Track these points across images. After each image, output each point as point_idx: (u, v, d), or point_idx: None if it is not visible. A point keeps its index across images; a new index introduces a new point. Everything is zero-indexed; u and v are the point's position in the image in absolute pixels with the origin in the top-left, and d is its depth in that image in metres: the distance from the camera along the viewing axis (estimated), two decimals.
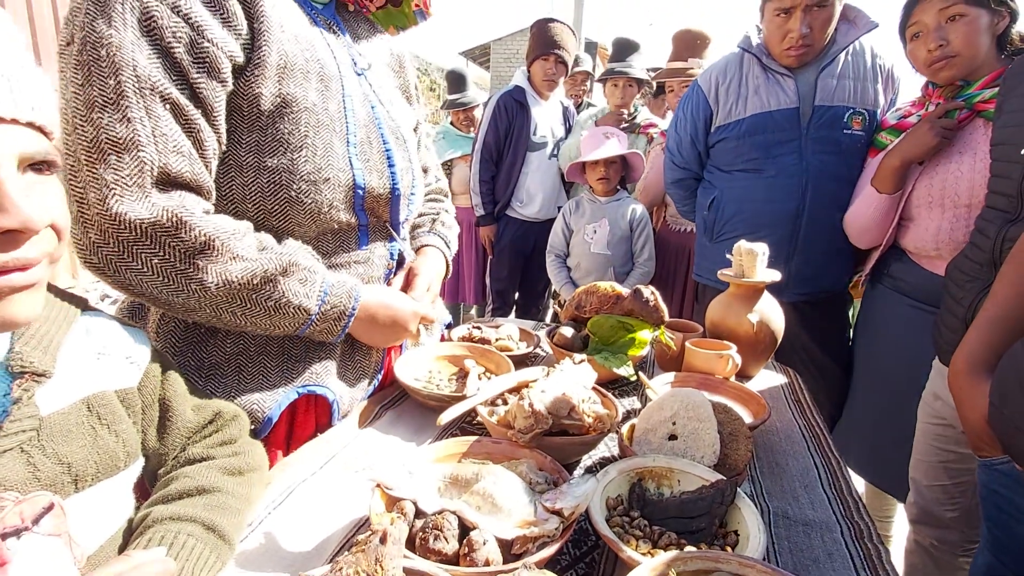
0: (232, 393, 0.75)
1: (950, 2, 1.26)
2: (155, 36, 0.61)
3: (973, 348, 0.90)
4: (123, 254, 0.61)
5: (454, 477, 0.63)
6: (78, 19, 0.61)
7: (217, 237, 0.64)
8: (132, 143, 0.60)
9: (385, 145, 0.83)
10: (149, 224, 0.61)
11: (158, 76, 0.61)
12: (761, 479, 0.81)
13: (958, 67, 1.30)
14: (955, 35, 1.27)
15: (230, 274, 0.66)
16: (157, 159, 0.61)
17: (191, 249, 0.63)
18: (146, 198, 0.61)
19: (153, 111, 0.61)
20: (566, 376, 0.86)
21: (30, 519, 0.47)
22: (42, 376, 0.50)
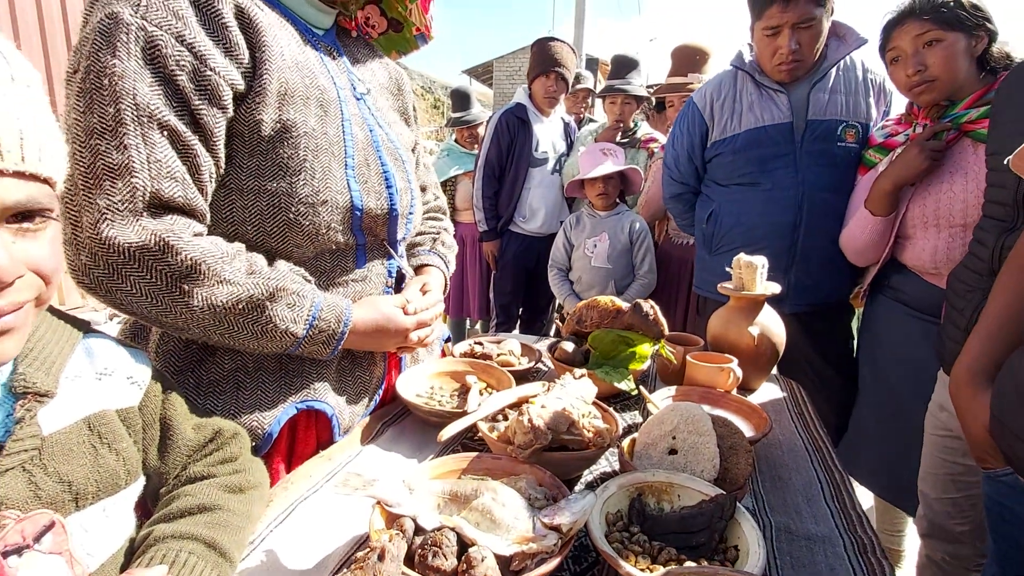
0: (232, 410, 0.76)
1: (926, 28, 1.28)
2: (158, 64, 0.64)
3: (973, 359, 0.90)
4: (112, 276, 0.63)
5: (453, 493, 0.63)
6: (85, 48, 0.63)
7: (204, 261, 0.66)
8: (126, 169, 0.62)
9: (383, 166, 0.85)
10: (137, 248, 0.62)
11: (158, 104, 0.63)
12: (764, 493, 0.81)
13: (938, 91, 1.32)
14: (933, 60, 1.29)
15: (215, 298, 0.67)
16: (150, 184, 0.63)
17: (177, 272, 0.65)
18: (136, 222, 0.63)
19: (149, 138, 0.63)
20: (566, 391, 0.86)
21: (31, 537, 0.48)
22: (44, 396, 0.51)
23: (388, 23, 1.06)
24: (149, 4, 0.63)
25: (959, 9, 1.28)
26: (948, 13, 1.29)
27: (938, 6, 1.30)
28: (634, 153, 2.63)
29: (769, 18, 1.53)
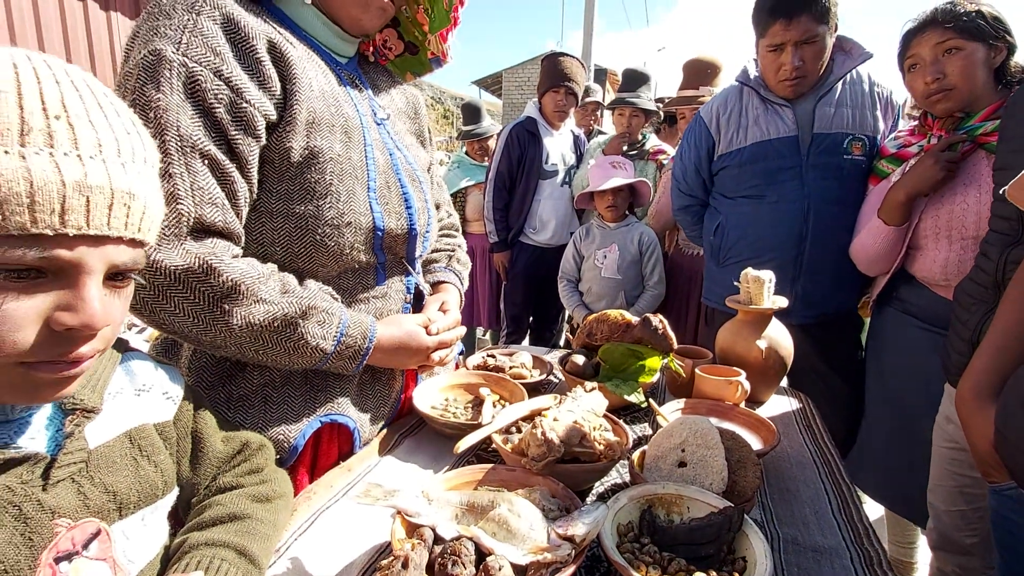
0: (260, 423, 0.79)
1: (947, 36, 1.29)
2: (198, 98, 0.68)
3: (978, 373, 0.91)
4: (158, 297, 0.67)
5: (470, 504, 0.66)
6: (130, 83, 0.67)
7: (243, 282, 0.70)
8: (172, 196, 0.66)
9: (403, 188, 0.89)
10: (182, 270, 0.66)
11: (199, 135, 0.68)
12: (772, 505, 0.83)
13: (955, 100, 1.33)
14: (952, 68, 1.30)
15: (253, 316, 0.71)
16: (193, 210, 0.67)
17: (219, 293, 0.69)
18: (181, 246, 0.67)
19: (192, 167, 0.67)
20: (578, 404, 0.89)
21: (80, 544, 0.52)
22: (91, 412, 0.54)
23: (404, 46, 1.10)
24: (190, 41, 0.67)
25: (980, 20, 1.30)
26: (969, 23, 1.30)
27: (959, 16, 1.31)
28: (643, 165, 2.66)
29: (772, 36, 1.56)
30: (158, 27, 0.68)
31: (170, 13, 0.69)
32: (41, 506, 0.48)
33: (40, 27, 3.26)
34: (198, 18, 0.68)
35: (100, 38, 3.61)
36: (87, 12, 3.51)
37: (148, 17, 0.70)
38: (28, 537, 0.47)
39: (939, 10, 1.33)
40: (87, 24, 3.52)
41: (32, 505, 0.48)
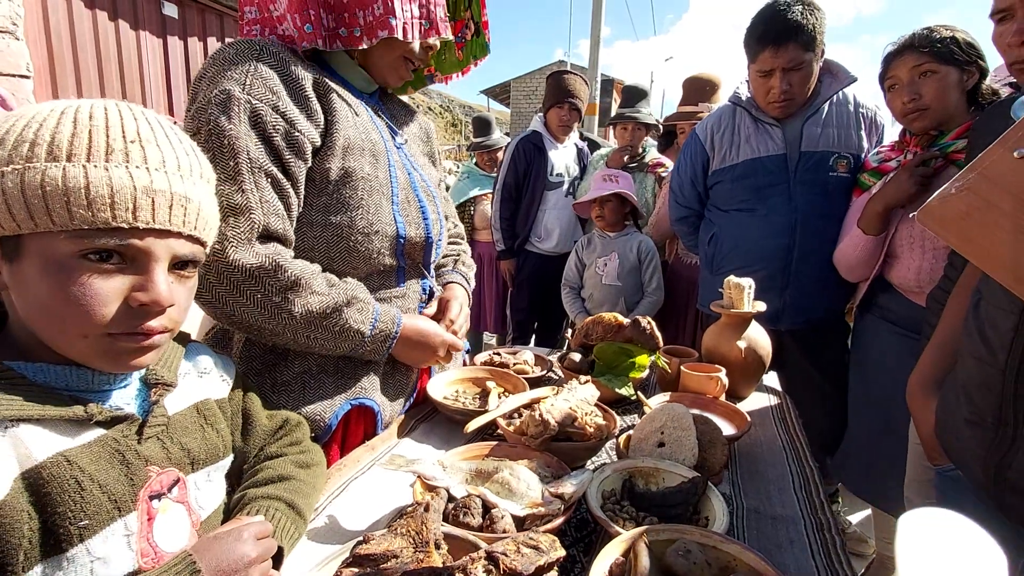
0: (299, 404, 0.93)
1: (922, 60, 1.42)
2: (260, 127, 0.83)
3: (924, 368, 1.03)
4: (233, 291, 0.81)
5: (478, 470, 0.79)
6: (204, 115, 0.82)
7: (302, 277, 0.85)
8: (246, 207, 0.80)
9: (420, 202, 1.04)
10: (256, 267, 0.81)
11: (263, 158, 0.83)
12: (741, 482, 0.94)
13: (929, 119, 1.45)
14: (926, 89, 1.42)
15: (310, 305, 0.85)
16: (262, 219, 0.82)
17: (284, 286, 0.83)
18: (251, 248, 0.81)
19: (260, 184, 0.82)
20: (573, 394, 1.02)
21: (166, 487, 0.64)
22: (169, 386, 0.68)
23: None
24: (252, 82, 0.83)
25: (953, 45, 1.42)
26: (943, 48, 1.42)
27: (934, 41, 1.43)
28: (642, 177, 2.79)
29: (762, 62, 1.68)
30: (225, 71, 0.83)
31: (235, 60, 0.84)
32: (138, 455, 0.60)
33: (76, 47, 3.46)
34: (258, 63, 0.84)
35: (130, 56, 3.81)
36: (118, 32, 3.71)
37: (215, 63, 0.85)
38: (130, 477, 0.59)
39: (916, 35, 1.46)
40: (118, 43, 3.72)
41: (132, 454, 0.60)
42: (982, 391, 0.76)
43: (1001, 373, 0.71)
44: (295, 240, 0.91)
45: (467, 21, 1.12)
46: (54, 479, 0.52)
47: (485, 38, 1.14)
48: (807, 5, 1.62)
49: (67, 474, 0.53)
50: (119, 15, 3.71)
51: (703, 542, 0.65)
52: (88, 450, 0.56)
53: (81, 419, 0.56)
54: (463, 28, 1.13)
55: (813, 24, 1.61)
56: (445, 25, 0.93)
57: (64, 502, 0.53)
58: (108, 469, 0.57)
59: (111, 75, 3.69)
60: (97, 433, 0.58)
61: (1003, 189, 0.49)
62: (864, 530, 2.16)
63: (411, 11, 0.91)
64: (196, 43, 4.29)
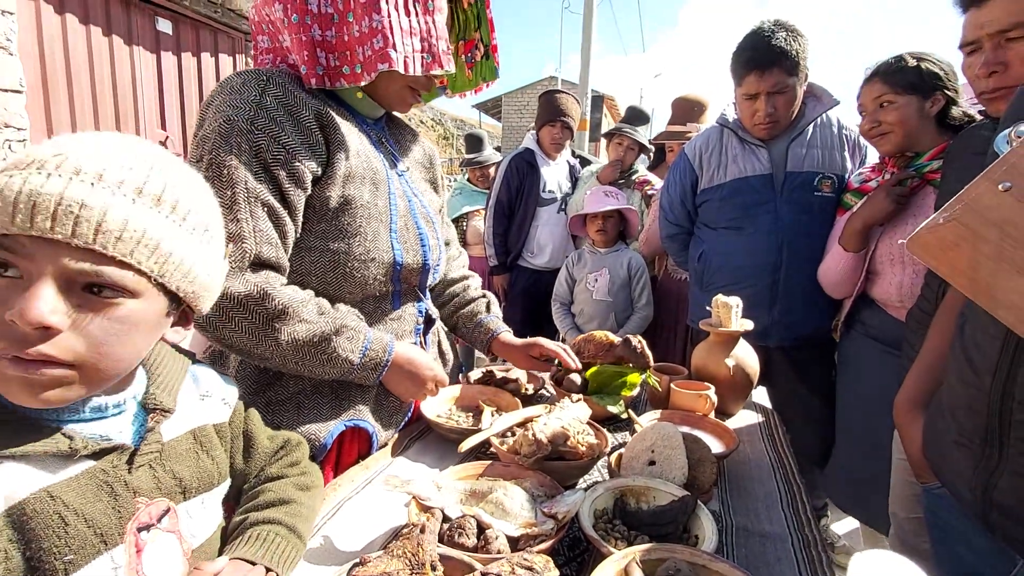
0: (293, 425, 0.94)
1: (883, 91, 1.49)
2: (261, 157, 0.85)
3: (911, 387, 1.05)
4: (222, 317, 0.82)
5: (472, 491, 0.80)
6: (207, 145, 0.84)
7: (290, 305, 0.86)
8: (239, 236, 0.82)
9: (419, 229, 1.06)
10: (244, 295, 0.82)
11: (261, 187, 0.84)
12: (730, 500, 0.96)
13: (893, 142, 1.52)
14: (887, 117, 1.50)
15: (297, 334, 0.86)
16: (254, 248, 0.83)
17: (271, 314, 0.84)
18: (242, 276, 0.82)
19: (255, 213, 0.84)
20: (565, 413, 1.03)
21: (155, 518, 0.64)
22: (167, 412, 0.67)
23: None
24: (256, 113, 0.85)
25: (914, 75, 1.48)
26: (903, 78, 1.49)
27: (895, 71, 1.50)
28: (629, 192, 2.84)
29: (747, 85, 1.74)
30: (231, 100, 0.85)
31: (240, 90, 0.86)
32: (127, 486, 0.59)
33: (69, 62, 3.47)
34: (263, 95, 0.86)
35: (123, 71, 3.82)
36: (112, 47, 3.72)
37: (222, 91, 0.87)
38: (117, 510, 0.58)
39: (882, 64, 1.53)
40: (112, 58, 3.73)
41: (120, 485, 0.59)
42: (969, 413, 0.78)
43: (987, 396, 0.74)
44: (293, 264, 0.93)
45: (476, 42, 1.15)
46: (37, 515, 0.51)
47: (494, 62, 1.16)
48: (790, 31, 1.68)
49: (50, 510, 0.52)
50: (113, 30, 3.73)
51: (693, 561, 0.66)
52: (74, 483, 0.55)
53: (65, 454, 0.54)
54: (473, 48, 1.16)
55: (797, 50, 1.67)
56: (448, 58, 0.95)
57: (48, 537, 0.52)
58: (94, 502, 0.56)
59: (104, 90, 3.70)
60: (85, 465, 0.56)
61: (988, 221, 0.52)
62: (852, 543, 2.18)
63: (412, 44, 0.92)
64: (190, 59, 4.31)
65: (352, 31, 0.91)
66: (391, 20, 0.88)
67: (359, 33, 0.90)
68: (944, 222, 0.53)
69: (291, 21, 0.91)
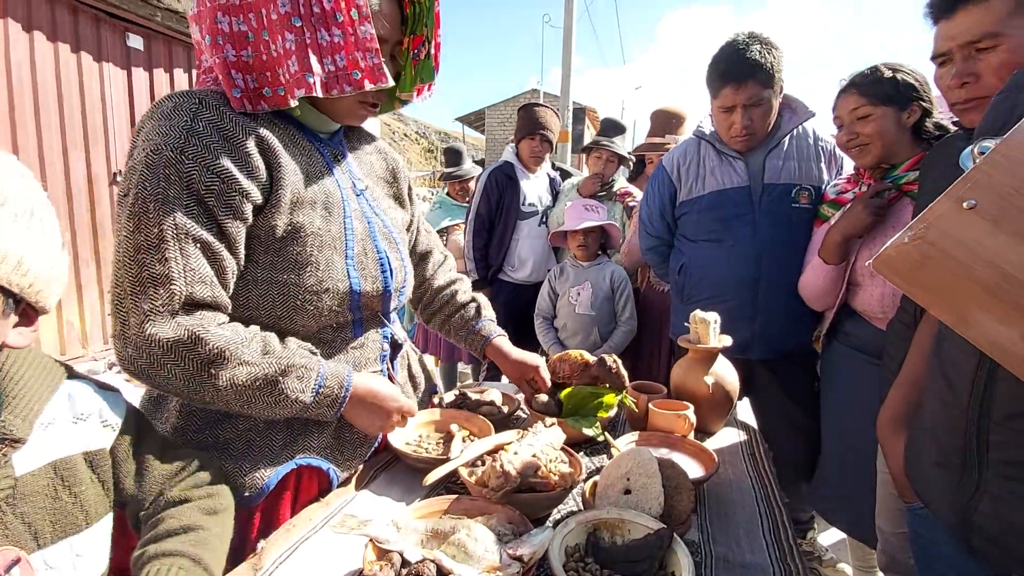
0: (243, 464, 0.87)
1: (860, 103, 1.48)
2: (193, 189, 0.78)
3: (893, 405, 1.03)
4: (153, 364, 0.76)
5: (434, 531, 0.75)
6: (134, 178, 0.78)
7: (227, 348, 0.78)
8: (167, 278, 0.75)
9: (379, 253, 0.99)
10: (173, 341, 0.75)
11: (192, 222, 0.78)
12: (710, 527, 0.92)
13: (871, 153, 1.50)
14: (864, 129, 1.49)
15: (237, 378, 0.79)
16: (185, 289, 0.77)
17: (206, 359, 0.77)
18: (173, 320, 0.76)
19: (186, 251, 0.77)
20: (538, 438, 0.99)
21: (3, 569, 0.56)
22: (18, 442, 0.59)
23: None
24: (187, 140, 0.78)
25: (890, 87, 1.48)
26: (879, 89, 1.48)
27: (872, 82, 1.50)
28: (610, 205, 2.82)
29: (723, 98, 1.73)
30: (160, 127, 0.78)
31: (171, 115, 0.79)
32: None
33: (35, 78, 3.38)
34: (195, 120, 0.79)
35: (92, 88, 3.73)
36: (80, 64, 3.64)
37: (152, 117, 0.81)
38: None
39: (858, 76, 1.53)
40: (80, 75, 3.65)
41: None
42: (948, 433, 0.75)
43: (964, 415, 0.71)
44: (239, 299, 0.87)
45: (424, 38, 1.07)
46: None
47: (433, 61, 1.08)
48: (765, 44, 1.68)
49: None
50: (81, 47, 3.65)
51: None
52: None
53: None
54: (420, 45, 1.08)
55: (771, 62, 1.67)
56: (381, 72, 0.87)
57: None
58: None
59: (72, 107, 3.61)
60: None
61: (953, 239, 0.50)
62: (839, 555, 2.15)
63: (333, 63, 0.85)
64: (162, 75, 4.24)
65: (270, 50, 0.83)
66: (305, 39, 0.82)
67: (276, 53, 0.83)
68: (909, 241, 0.50)
69: (206, 43, 0.85)
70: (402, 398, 0.98)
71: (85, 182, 3.73)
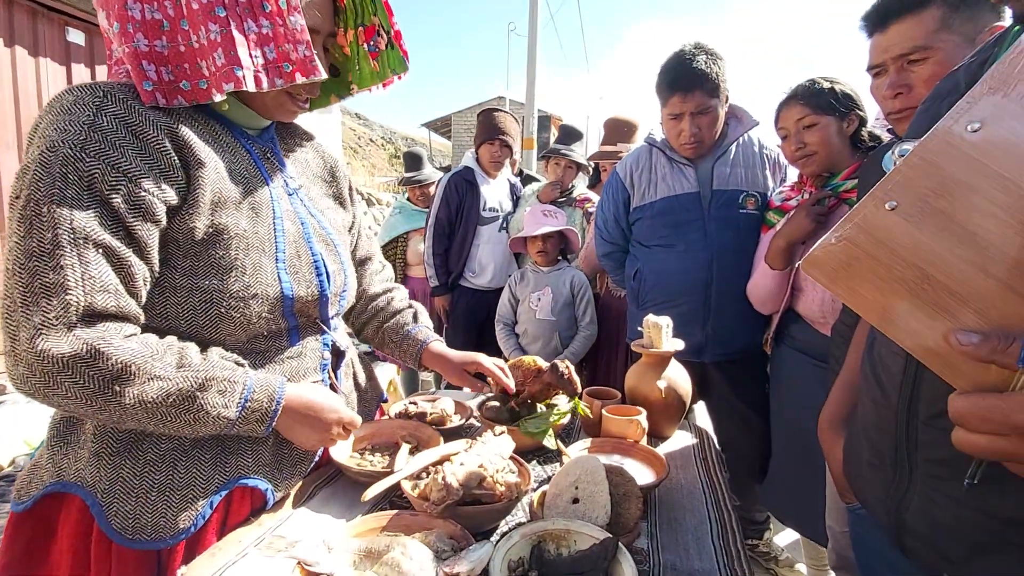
0: (167, 489, 0.80)
1: (804, 112, 1.54)
2: (95, 190, 0.71)
3: (832, 406, 1.05)
4: (48, 383, 0.68)
5: (368, 550, 0.71)
6: (27, 178, 0.70)
7: (134, 362, 0.71)
8: (61, 287, 0.68)
9: (313, 255, 0.94)
10: (70, 357, 0.67)
11: (93, 226, 0.70)
12: (659, 534, 0.91)
13: (816, 163, 1.56)
14: (810, 138, 1.54)
15: (146, 395, 0.72)
16: (83, 299, 0.69)
17: (108, 375, 0.70)
18: (69, 333, 0.68)
19: (84, 257, 0.69)
20: (486, 448, 0.96)
21: None
22: None
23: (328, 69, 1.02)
24: (88, 137, 0.71)
25: (831, 97, 1.54)
26: (821, 99, 1.54)
27: (814, 93, 1.55)
28: (570, 211, 2.84)
29: (672, 106, 1.76)
30: (57, 122, 0.71)
31: (71, 109, 0.72)
32: None
33: None
34: (98, 114, 0.72)
35: (27, 84, 3.52)
36: (14, 58, 3.43)
37: (49, 112, 0.74)
38: None
39: (799, 87, 1.58)
40: (13, 69, 3.43)
41: None
42: (879, 433, 0.76)
43: (894, 415, 0.72)
44: (155, 308, 0.80)
45: (377, 28, 1.02)
46: None
47: (400, 51, 1.04)
48: (710, 54, 1.72)
49: None
50: (15, 40, 3.43)
51: None
52: None
53: None
54: (374, 36, 1.03)
55: (716, 72, 1.71)
56: (313, 65, 0.82)
57: None
58: None
59: (4, 104, 3.39)
60: None
61: (877, 240, 0.50)
62: (794, 555, 2.20)
63: (264, 54, 0.80)
64: (105, 71, 4.01)
65: (190, 41, 0.77)
66: (231, 29, 0.77)
67: (199, 44, 0.77)
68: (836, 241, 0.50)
69: (114, 31, 0.78)
70: (343, 409, 0.93)
71: None
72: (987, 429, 0.45)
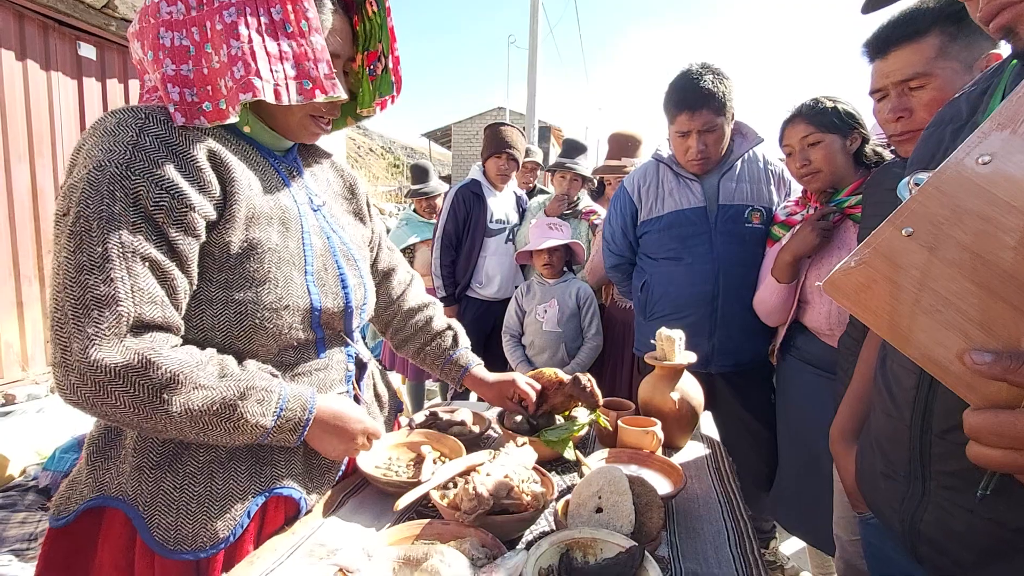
0: (206, 499, 0.83)
1: (808, 131, 1.59)
2: (140, 206, 0.75)
3: (843, 418, 1.08)
4: (99, 392, 0.71)
5: (407, 557, 0.74)
6: (75, 195, 0.74)
7: (181, 371, 0.75)
8: (112, 299, 0.71)
9: (339, 269, 0.98)
10: (122, 366, 0.71)
11: (140, 240, 0.74)
12: (678, 542, 0.94)
13: (821, 180, 1.60)
14: (815, 156, 1.59)
15: (192, 403, 0.75)
16: (133, 310, 0.73)
17: (158, 384, 0.73)
18: (120, 343, 0.71)
19: (133, 270, 0.73)
20: (510, 459, 0.99)
21: None
22: None
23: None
24: (133, 156, 0.74)
25: (834, 116, 1.59)
26: (825, 118, 1.59)
27: (818, 112, 1.60)
28: (576, 223, 2.88)
29: (679, 124, 1.81)
30: (103, 143, 0.75)
31: (115, 131, 0.76)
32: None
33: None
34: (140, 134, 0.76)
35: (39, 98, 3.56)
36: (26, 72, 3.47)
37: (94, 133, 0.78)
38: None
39: (804, 106, 1.63)
40: (25, 83, 3.48)
41: None
42: (893, 445, 0.80)
43: (908, 428, 0.76)
44: (192, 320, 0.83)
45: (379, 54, 1.05)
46: None
47: (391, 75, 1.06)
48: (716, 74, 1.78)
49: None
50: (27, 54, 3.49)
51: None
52: None
53: None
54: (375, 60, 1.07)
55: (723, 91, 1.77)
56: (333, 83, 0.84)
57: None
58: None
59: (15, 116, 3.43)
60: None
61: (895, 264, 0.54)
62: (800, 564, 2.22)
63: (284, 71, 0.82)
64: (116, 85, 4.08)
65: (212, 63, 0.81)
66: (253, 46, 0.80)
67: (219, 64, 0.80)
68: (856, 265, 0.55)
69: (148, 60, 0.83)
70: (367, 420, 0.97)
71: (29, 195, 3.54)
72: (1001, 444, 0.49)
